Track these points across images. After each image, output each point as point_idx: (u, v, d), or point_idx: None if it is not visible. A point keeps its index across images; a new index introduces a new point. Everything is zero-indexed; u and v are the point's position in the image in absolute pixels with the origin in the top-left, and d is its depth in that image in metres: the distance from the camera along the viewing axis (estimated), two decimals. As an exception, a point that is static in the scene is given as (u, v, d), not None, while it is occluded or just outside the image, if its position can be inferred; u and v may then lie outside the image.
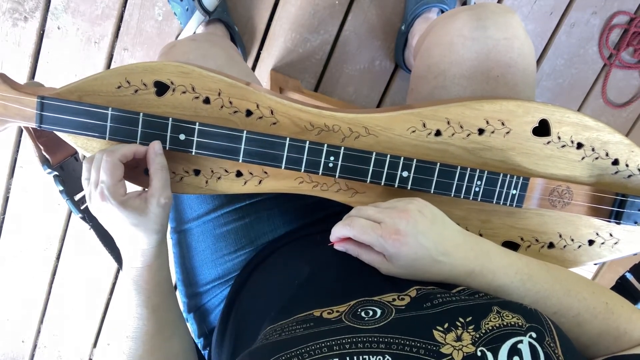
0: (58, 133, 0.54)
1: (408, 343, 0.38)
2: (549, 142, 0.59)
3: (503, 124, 0.58)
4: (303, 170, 0.55)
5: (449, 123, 0.58)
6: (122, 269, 0.57)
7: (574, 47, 1.24)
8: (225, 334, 0.63)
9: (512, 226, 0.62)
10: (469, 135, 0.59)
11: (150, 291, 0.54)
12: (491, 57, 0.64)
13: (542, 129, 0.59)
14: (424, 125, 0.58)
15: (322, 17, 1.16)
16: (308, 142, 0.55)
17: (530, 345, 0.37)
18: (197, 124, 0.53)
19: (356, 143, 0.58)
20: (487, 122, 0.58)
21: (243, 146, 0.54)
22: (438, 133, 0.58)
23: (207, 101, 0.56)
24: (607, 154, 0.60)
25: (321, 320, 0.43)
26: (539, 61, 1.25)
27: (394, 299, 0.44)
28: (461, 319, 0.39)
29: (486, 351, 0.37)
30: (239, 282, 0.66)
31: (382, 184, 0.57)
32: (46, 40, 1.16)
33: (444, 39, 0.67)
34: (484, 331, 0.38)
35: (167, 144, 0.54)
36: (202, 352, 0.72)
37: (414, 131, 0.58)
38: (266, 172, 0.58)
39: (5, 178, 1.27)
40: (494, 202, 0.58)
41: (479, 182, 0.57)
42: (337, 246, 0.52)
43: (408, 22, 1.09)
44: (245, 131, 0.54)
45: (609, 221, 0.61)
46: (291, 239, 0.68)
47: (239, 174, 0.58)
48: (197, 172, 0.58)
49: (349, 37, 1.18)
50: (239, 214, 0.68)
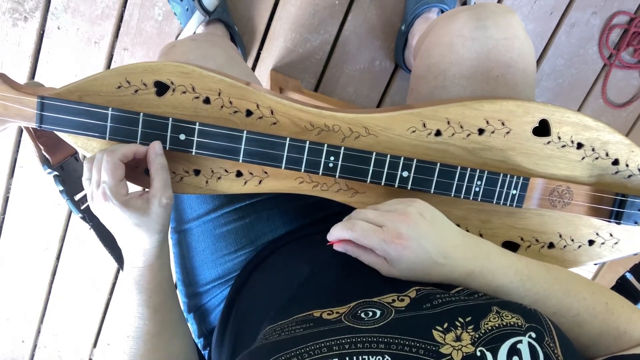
0: (58, 133, 0.54)
1: (407, 343, 0.38)
2: (549, 142, 0.59)
3: (503, 124, 0.58)
4: (303, 170, 0.56)
5: (449, 123, 0.58)
6: (122, 269, 0.57)
7: (574, 47, 1.24)
8: (225, 334, 0.63)
9: (512, 226, 0.62)
10: (469, 135, 0.59)
11: (151, 291, 0.54)
12: (491, 57, 0.64)
13: (542, 129, 0.59)
14: (424, 125, 0.58)
15: (322, 17, 1.16)
16: (308, 142, 0.55)
17: (530, 345, 0.37)
18: (197, 124, 0.53)
19: (356, 143, 0.58)
20: (487, 122, 0.58)
21: (243, 146, 0.54)
22: (438, 133, 0.58)
23: (207, 101, 0.56)
24: (607, 154, 0.60)
25: (321, 321, 0.43)
26: (539, 61, 1.25)
27: (393, 300, 0.44)
28: (460, 319, 0.39)
29: (485, 351, 0.37)
30: (239, 282, 0.66)
31: (382, 184, 0.57)
32: (46, 40, 1.16)
33: (444, 39, 0.67)
34: (483, 331, 0.38)
35: (167, 144, 0.54)
36: (202, 352, 0.72)
37: (414, 131, 0.58)
38: (266, 172, 0.58)
39: (5, 178, 1.27)
40: (494, 202, 0.58)
41: (479, 182, 0.57)
42: (337, 247, 0.52)
43: (408, 22, 1.09)
44: (245, 131, 0.54)
45: (609, 221, 0.61)
46: (291, 239, 0.68)
47: (239, 174, 0.58)
48: (197, 172, 0.58)
49: (349, 37, 1.18)
50: (239, 214, 0.68)
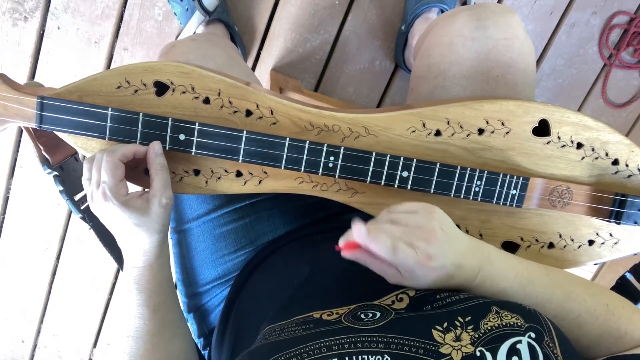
0: (58, 133, 0.54)
1: (407, 343, 0.38)
2: (548, 142, 0.59)
3: (503, 124, 0.58)
4: (303, 170, 0.55)
5: (448, 123, 0.58)
6: (122, 269, 0.57)
7: (574, 47, 1.24)
8: (225, 334, 0.63)
9: (512, 226, 0.62)
10: (468, 135, 0.59)
11: (151, 291, 0.54)
12: (491, 57, 0.64)
13: (542, 129, 0.59)
14: (424, 125, 0.58)
15: (322, 17, 1.16)
16: (308, 142, 0.55)
17: (529, 345, 0.37)
18: (197, 124, 0.53)
19: (356, 143, 0.58)
20: (487, 122, 0.58)
21: (243, 146, 0.54)
22: (438, 133, 0.58)
23: (207, 101, 0.56)
24: (607, 154, 0.60)
25: (320, 322, 0.43)
26: (539, 61, 1.25)
27: (393, 301, 0.44)
28: (460, 319, 0.39)
29: (485, 351, 0.37)
30: (238, 282, 0.66)
31: (382, 184, 0.57)
32: (46, 40, 1.16)
33: (444, 39, 0.67)
34: (483, 331, 0.38)
35: (167, 144, 0.54)
36: (202, 352, 0.72)
37: (414, 131, 0.58)
38: (266, 172, 0.58)
39: (5, 178, 1.27)
40: (494, 202, 0.58)
41: (478, 182, 0.57)
42: (346, 254, 0.47)
43: (408, 22, 1.09)
44: (245, 131, 0.54)
45: (609, 221, 0.61)
46: (291, 239, 0.68)
47: (238, 174, 0.58)
48: (197, 172, 0.58)
49: (349, 37, 1.18)
50: (239, 214, 0.68)
